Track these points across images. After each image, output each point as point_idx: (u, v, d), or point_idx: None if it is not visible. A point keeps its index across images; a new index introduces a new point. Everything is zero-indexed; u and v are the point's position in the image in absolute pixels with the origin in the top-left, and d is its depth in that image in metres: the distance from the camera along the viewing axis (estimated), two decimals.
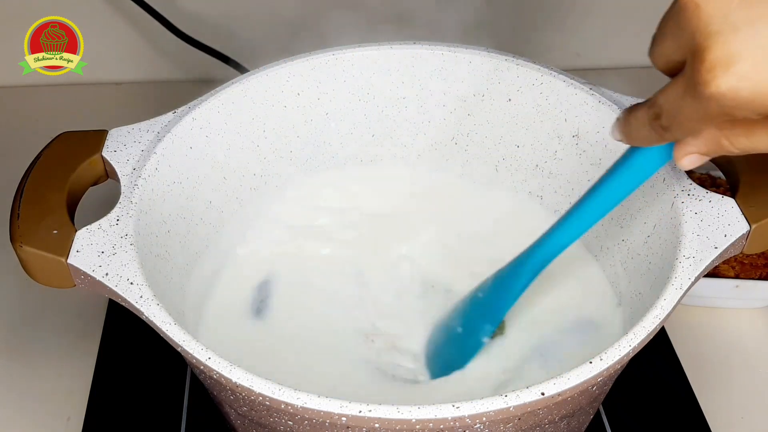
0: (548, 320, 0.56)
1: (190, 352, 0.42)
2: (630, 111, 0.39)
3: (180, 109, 0.56)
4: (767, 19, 0.30)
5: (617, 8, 0.86)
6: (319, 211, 0.63)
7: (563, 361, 0.51)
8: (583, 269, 0.59)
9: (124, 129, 0.54)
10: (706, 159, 0.39)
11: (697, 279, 0.46)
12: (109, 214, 0.49)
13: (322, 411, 0.40)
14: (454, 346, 0.53)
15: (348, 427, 0.41)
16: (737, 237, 0.47)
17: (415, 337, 0.55)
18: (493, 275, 0.52)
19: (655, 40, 0.35)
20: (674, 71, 0.35)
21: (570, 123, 0.58)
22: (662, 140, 0.38)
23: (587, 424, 0.55)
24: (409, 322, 0.56)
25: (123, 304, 0.46)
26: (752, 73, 0.31)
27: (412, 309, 0.57)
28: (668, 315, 0.44)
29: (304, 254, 0.60)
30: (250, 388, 0.41)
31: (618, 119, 0.40)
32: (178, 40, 0.80)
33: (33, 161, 0.51)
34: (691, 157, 0.38)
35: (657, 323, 0.43)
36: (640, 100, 0.55)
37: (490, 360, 0.53)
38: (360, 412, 0.39)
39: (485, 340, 0.52)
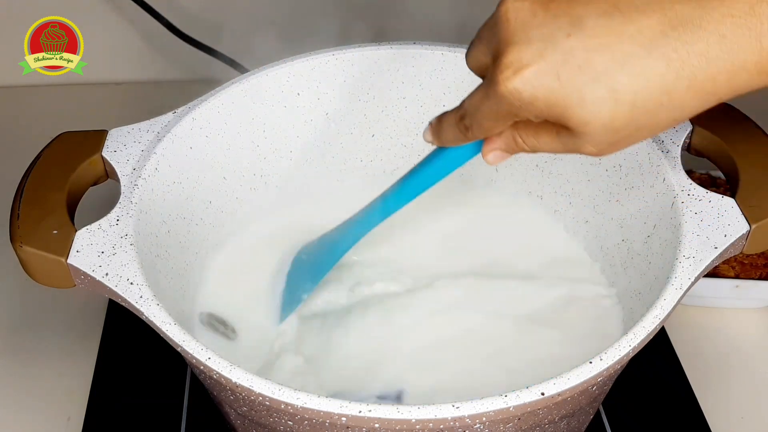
0: (547, 318, 0.56)
1: (190, 352, 0.42)
2: (440, 116, 0.44)
3: (180, 109, 0.56)
4: (554, 40, 0.36)
5: None
6: (319, 211, 0.63)
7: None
8: (583, 269, 0.59)
9: (124, 129, 0.54)
10: (508, 156, 0.43)
11: (697, 279, 0.46)
12: (109, 214, 0.49)
13: (321, 411, 0.40)
14: (285, 299, 0.57)
15: (348, 427, 0.41)
16: (737, 237, 0.47)
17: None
18: (317, 240, 0.57)
19: (472, 43, 0.41)
20: (482, 74, 0.41)
21: None
22: (466, 140, 0.43)
23: (587, 424, 0.55)
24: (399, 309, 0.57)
25: (123, 304, 0.46)
26: (533, 80, 0.37)
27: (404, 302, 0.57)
28: (668, 315, 0.44)
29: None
30: (250, 388, 0.41)
31: (429, 123, 0.45)
32: (178, 40, 0.80)
33: (33, 161, 0.51)
34: (495, 153, 0.43)
35: (657, 323, 0.43)
36: None
37: (497, 368, 0.53)
38: (360, 412, 0.39)
39: (304, 296, 0.56)
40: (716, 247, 0.47)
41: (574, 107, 0.37)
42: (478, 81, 0.60)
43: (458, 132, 0.43)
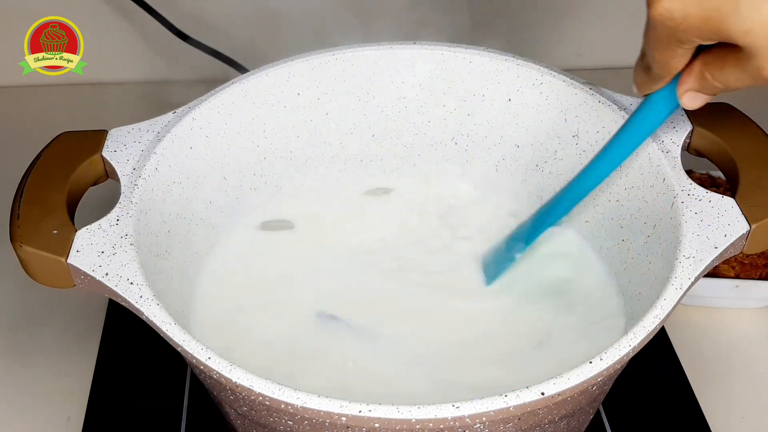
0: (547, 318, 0.56)
1: (190, 352, 0.42)
2: (635, 68, 0.45)
3: (180, 109, 0.56)
4: None
5: (617, 8, 0.86)
6: (319, 211, 0.63)
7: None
8: (583, 269, 0.59)
9: (124, 129, 0.54)
10: (704, 98, 0.42)
11: (697, 279, 0.46)
12: (109, 214, 0.49)
13: (322, 411, 0.40)
14: (498, 259, 0.58)
15: (348, 427, 0.41)
16: (737, 237, 0.47)
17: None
18: (536, 211, 0.57)
19: None
20: None
21: (570, 123, 0.58)
22: (652, 80, 0.43)
23: (587, 424, 0.55)
24: (393, 309, 0.57)
25: (123, 304, 0.46)
26: None
27: (401, 297, 0.57)
28: (668, 315, 0.44)
29: (304, 253, 0.60)
30: (250, 388, 0.41)
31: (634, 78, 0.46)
32: (178, 40, 0.80)
33: (33, 161, 0.51)
34: (689, 94, 0.42)
35: (657, 323, 0.43)
36: (640, 100, 0.56)
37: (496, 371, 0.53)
38: (360, 411, 0.39)
39: (517, 256, 0.57)
40: (716, 247, 0.47)
41: (729, 16, 0.36)
42: (483, 79, 0.61)
43: (643, 74, 0.43)
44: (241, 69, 0.78)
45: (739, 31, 0.36)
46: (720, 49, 0.39)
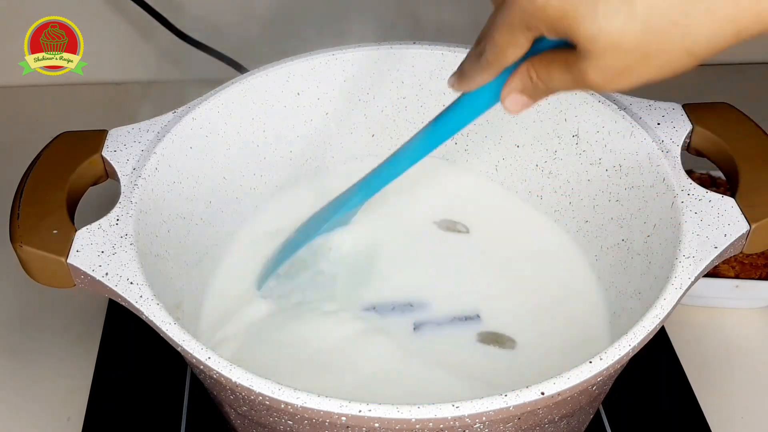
0: (546, 319, 0.56)
1: (190, 351, 0.42)
2: (465, 57, 0.44)
3: (180, 109, 0.56)
4: None
5: None
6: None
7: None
8: (583, 269, 0.59)
9: (124, 129, 0.54)
10: (526, 102, 0.42)
11: (696, 279, 0.46)
12: (109, 214, 0.49)
13: (321, 410, 0.40)
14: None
15: (348, 427, 0.41)
16: (737, 237, 0.47)
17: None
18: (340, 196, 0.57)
19: None
20: None
21: (570, 123, 0.58)
22: (481, 68, 0.42)
23: (587, 423, 0.55)
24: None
25: (123, 304, 0.46)
26: None
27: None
28: (668, 315, 0.44)
29: (304, 253, 0.60)
30: (250, 387, 0.41)
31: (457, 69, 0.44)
32: (178, 40, 0.80)
33: (33, 161, 0.52)
34: (512, 96, 0.42)
35: (657, 323, 0.43)
36: (640, 100, 0.56)
37: (502, 371, 0.53)
38: (360, 411, 0.39)
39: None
40: (716, 247, 0.47)
41: (584, 18, 0.36)
42: None
43: (474, 60, 0.42)
44: (241, 69, 0.78)
45: (586, 36, 0.36)
46: (549, 53, 0.40)
